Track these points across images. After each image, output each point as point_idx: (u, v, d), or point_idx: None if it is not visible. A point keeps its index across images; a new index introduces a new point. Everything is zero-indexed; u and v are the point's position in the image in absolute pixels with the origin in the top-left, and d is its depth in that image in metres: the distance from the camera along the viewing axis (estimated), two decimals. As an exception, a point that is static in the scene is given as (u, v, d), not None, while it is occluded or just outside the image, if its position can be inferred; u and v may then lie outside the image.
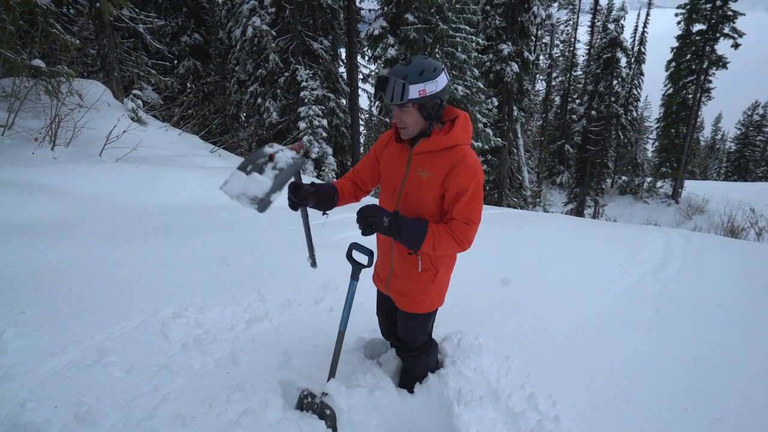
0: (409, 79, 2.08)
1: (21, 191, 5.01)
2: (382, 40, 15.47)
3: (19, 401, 2.28)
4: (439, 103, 2.18)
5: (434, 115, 2.22)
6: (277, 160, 2.17)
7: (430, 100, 2.14)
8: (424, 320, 2.65)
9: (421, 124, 2.24)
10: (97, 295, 3.41)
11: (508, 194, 21.95)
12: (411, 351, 2.75)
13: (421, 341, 2.75)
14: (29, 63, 7.06)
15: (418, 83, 2.08)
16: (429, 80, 2.09)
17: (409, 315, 2.57)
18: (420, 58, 2.14)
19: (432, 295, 2.50)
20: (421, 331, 2.69)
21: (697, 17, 25.80)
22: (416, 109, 2.18)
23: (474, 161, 2.21)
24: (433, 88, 2.11)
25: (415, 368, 2.89)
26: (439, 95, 2.15)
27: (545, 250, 5.43)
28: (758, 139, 50.34)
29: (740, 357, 3.33)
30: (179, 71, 17.85)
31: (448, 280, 2.59)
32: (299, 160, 2.23)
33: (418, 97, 2.10)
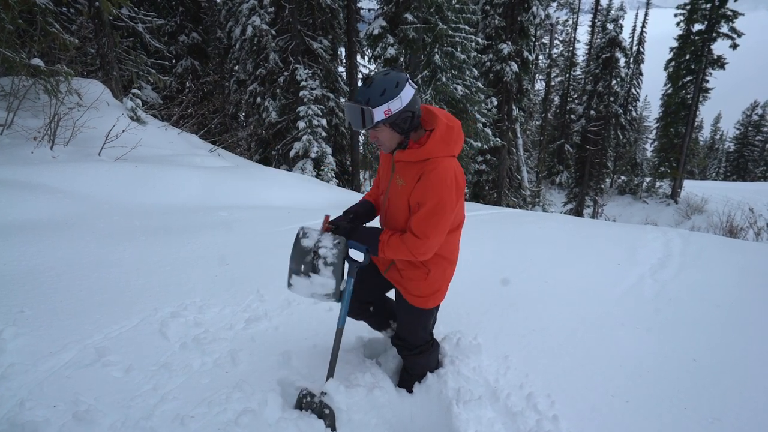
0: (372, 103, 2.09)
1: (20, 190, 5.01)
2: (382, 39, 15.47)
3: (18, 400, 2.27)
4: (409, 116, 2.18)
5: (408, 128, 2.22)
6: (324, 256, 2.31)
7: (399, 116, 2.14)
8: (424, 317, 2.65)
9: (396, 138, 2.25)
10: (96, 295, 3.41)
11: (507, 194, 21.96)
12: (412, 349, 2.75)
13: (422, 339, 2.75)
14: (28, 62, 7.06)
15: (382, 104, 2.08)
16: (392, 98, 2.09)
17: (408, 309, 2.59)
18: (381, 77, 2.13)
19: (426, 291, 2.51)
20: (422, 329, 2.71)
21: (697, 17, 25.82)
22: (388, 127, 2.19)
23: (442, 175, 2.17)
24: (398, 105, 2.11)
25: (416, 366, 2.89)
26: (407, 108, 2.14)
27: (544, 250, 5.43)
28: (757, 139, 50.43)
29: (739, 357, 3.33)
30: (177, 71, 17.83)
31: (445, 281, 2.59)
32: (342, 245, 2.34)
33: (386, 117, 2.11)
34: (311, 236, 2.39)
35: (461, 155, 15.67)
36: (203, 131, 14.00)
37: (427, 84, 14.59)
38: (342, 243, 2.37)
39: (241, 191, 7.37)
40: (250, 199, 7.18)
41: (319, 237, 2.39)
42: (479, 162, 20.90)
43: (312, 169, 14.43)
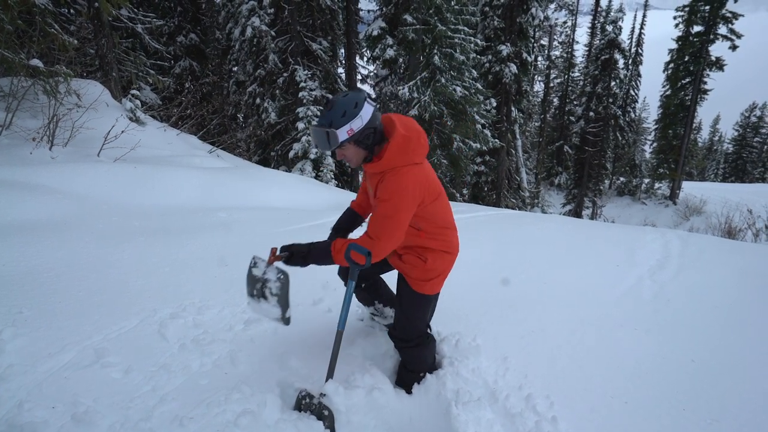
0: (335, 124, 2.25)
1: (19, 191, 5.01)
2: (381, 40, 15.48)
3: (17, 402, 2.27)
4: (371, 132, 2.34)
5: (371, 143, 2.37)
6: (270, 287, 2.53)
7: (362, 133, 2.30)
8: (422, 305, 2.74)
9: (362, 154, 2.41)
10: (95, 296, 3.41)
11: (506, 195, 21.97)
12: (408, 341, 2.79)
13: (419, 331, 2.81)
14: (27, 63, 7.05)
15: (344, 125, 2.25)
16: (353, 118, 2.25)
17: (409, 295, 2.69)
18: (340, 98, 2.29)
19: (422, 278, 2.63)
20: (418, 319, 2.78)
21: (696, 19, 25.87)
22: (352, 144, 2.35)
23: (397, 182, 2.32)
24: (359, 124, 2.27)
25: (412, 361, 2.90)
26: (368, 126, 2.30)
27: (543, 251, 5.44)
28: (755, 141, 50.50)
29: (738, 358, 3.34)
30: (175, 71, 17.83)
31: (442, 271, 2.69)
32: (285, 279, 2.53)
33: (349, 136, 2.28)
34: (260, 267, 2.59)
35: (460, 156, 15.70)
36: (202, 132, 14.00)
37: (426, 85, 14.59)
38: (285, 276, 2.53)
39: (240, 192, 7.37)
40: (249, 200, 7.18)
41: (266, 269, 2.57)
42: (478, 163, 20.91)
43: (311, 170, 14.43)
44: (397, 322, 2.82)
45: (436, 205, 2.53)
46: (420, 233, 2.56)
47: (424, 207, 2.46)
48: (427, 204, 2.46)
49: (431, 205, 2.48)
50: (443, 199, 2.61)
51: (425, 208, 2.46)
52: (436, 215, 2.55)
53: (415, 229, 2.54)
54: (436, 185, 2.53)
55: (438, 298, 2.87)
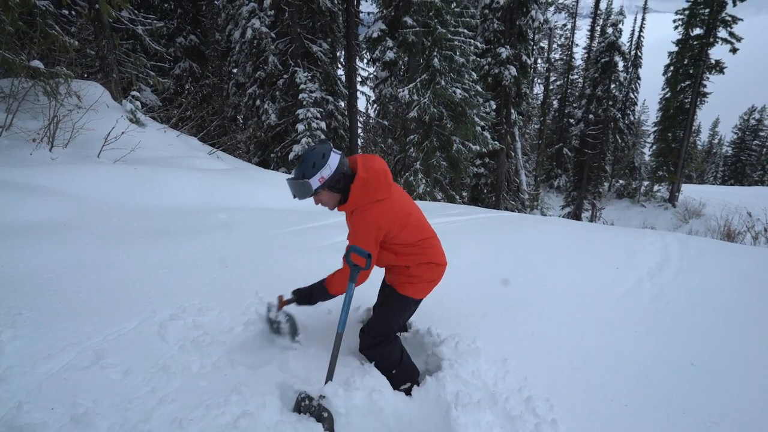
0: (307, 175, 2.57)
1: (19, 192, 5.01)
2: (381, 42, 15.50)
3: (16, 403, 2.27)
4: (341, 176, 2.61)
5: (343, 187, 2.65)
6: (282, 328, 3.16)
7: (332, 179, 2.59)
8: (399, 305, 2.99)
9: (336, 197, 2.71)
10: (95, 297, 3.41)
11: (505, 197, 21.98)
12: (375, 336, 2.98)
13: (386, 329, 3.01)
14: (28, 64, 7.06)
15: (315, 174, 2.56)
16: (322, 167, 2.55)
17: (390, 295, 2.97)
18: (309, 152, 2.60)
19: (405, 281, 2.90)
20: (391, 317, 3.02)
21: (695, 22, 25.90)
22: (326, 190, 2.65)
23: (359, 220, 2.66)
24: (328, 172, 2.56)
25: (380, 361, 3.01)
26: (337, 172, 2.59)
27: (543, 253, 5.44)
28: (755, 144, 50.56)
29: (737, 361, 3.34)
30: (175, 72, 17.83)
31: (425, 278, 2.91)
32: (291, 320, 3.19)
33: (320, 184, 2.59)
34: (272, 312, 3.17)
35: (460, 158, 15.70)
36: (202, 133, 14.00)
37: (426, 87, 14.61)
38: (291, 319, 3.18)
39: (240, 194, 7.37)
40: (249, 202, 7.18)
41: (277, 314, 3.15)
42: (478, 165, 20.92)
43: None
44: (373, 320, 3.08)
45: (408, 231, 2.78)
46: (398, 257, 2.84)
47: (394, 237, 2.74)
48: (396, 234, 2.73)
49: (401, 233, 2.75)
50: (414, 220, 2.83)
51: (395, 237, 2.74)
52: (409, 237, 2.80)
53: (393, 254, 2.83)
54: (403, 214, 2.75)
55: (417, 306, 3.10)
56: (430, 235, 2.94)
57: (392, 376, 2.97)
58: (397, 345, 3.06)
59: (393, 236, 2.73)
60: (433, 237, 2.96)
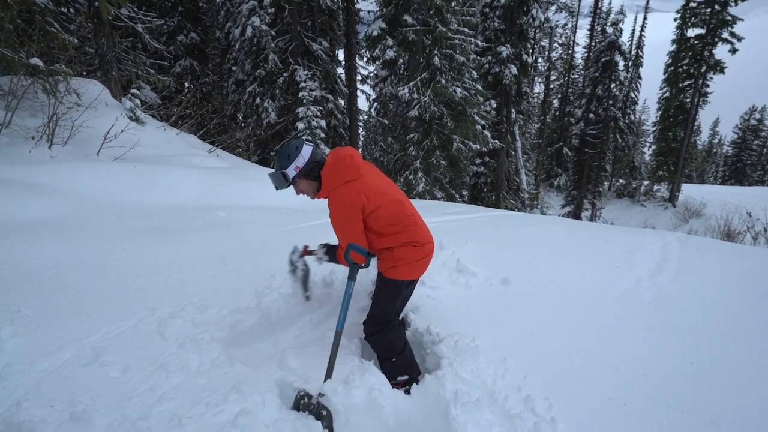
0: (284, 166, 2.86)
1: (18, 190, 5.00)
2: (381, 41, 15.48)
3: (15, 400, 2.27)
4: (315, 165, 2.89)
5: (318, 175, 2.92)
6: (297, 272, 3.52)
7: (306, 168, 2.87)
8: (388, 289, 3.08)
9: (314, 186, 2.98)
10: (94, 295, 3.40)
11: (505, 196, 21.97)
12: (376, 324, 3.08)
13: (386, 315, 3.10)
14: (27, 61, 7.05)
15: (290, 165, 2.85)
16: (296, 157, 2.85)
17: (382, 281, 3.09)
18: (284, 147, 2.90)
19: (390, 265, 3.00)
20: (387, 302, 3.10)
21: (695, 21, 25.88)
22: (302, 179, 2.92)
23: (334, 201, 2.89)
24: (302, 161, 2.86)
25: (381, 348, 3.11)
26: (310, 161, 2.88)
27: (543, 252, 5.43)
28: (755, 144, 50.57)
29: (736, 360, 3.34)
30: (176, 70, 17.82)
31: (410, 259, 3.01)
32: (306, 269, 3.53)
33: (296, 173, 2.87)
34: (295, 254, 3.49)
35: (460, 157, 15.69)
36: (202, 132, 13.98)
37: (426, 86, 14.59)
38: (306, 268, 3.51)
39: (239, 192, 7.36)
40: (248, 200, 7.17)
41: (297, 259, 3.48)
42: (478, 164, 20.91)
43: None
44: (371, 308, 3.16)
45: (384, 209, 2.92)
46: (381, 238, 2.98)
47: (371, 215, 2.90)
48: (372, 210, 2.88)
49: (378, 211, 2.90)
50: (390, 197, 2.97)
51: (373, 215, 2.90)
52: (390, 218, 2.94)
53: (376, 235, 2.97)
54: (377, 192, 2.91)
55: (411, 290, 3.23)
56: (411, 213, 3.05)
57: (393, 364, 3.05)
58: (399, 333, 3.17)
59: (370, 214, 2.89)
60: (415, 215, 3.08)
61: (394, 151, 17.90)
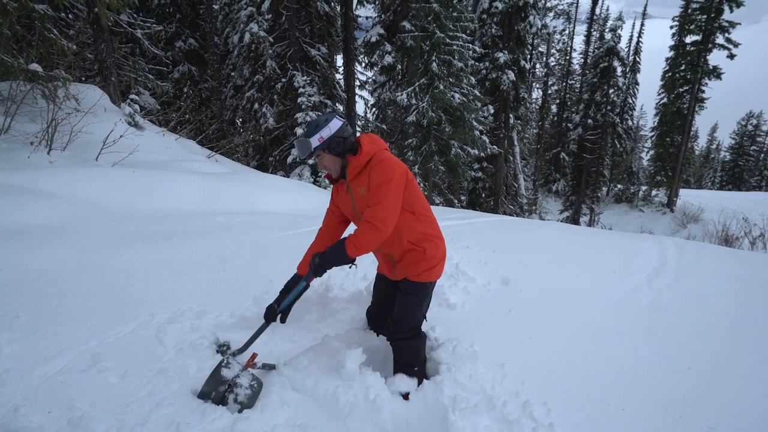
0: (308, 135, 2.75)
1: (16, 195, 5.00)
2: (379, 47, 15.55)
3: (12, 406, 2.26)
4: (341, 140, 2.77)
5: (343, 150, 2.79)
6: (237, 393, 2.55)
7: (332, 140, 2.75)
8: (421, 294, 2.97)
9: (338, 162, 2.83)
10: (92, 300, 3.40)
11: (504, 202, 22.01)
12: (406, 332, 2.97)
13: (416, 320, 3.02)
14: (26, 67, 7.05)
15: (315, 134, 2.73)
16: (322, 128, 2.74)
17: (412, 286, 2.93)
18: (315, 119, 2.81)
19: (426, 266, 2.88)
20: (417, 308, 2.99)
21: (692, 28, 26.03)
22: (326, 152, 2.80)
23: (381, 159, 2.71)
24: (327, 132, 2.73)
25: (406, 354, 3.03)
26: (337, 135, 2.76)
27: (541, 257, 5.44)
28: (752, 149, 50.74)
29: (734, 366, 3.35)
30: (174, 76, 17.86)
31: (440, 258, 2.94)
32: (257, 388, 2.62)
33: (320, 143, 2.74)
34: (233, 368, 2.67)
35: (458, 162, 15.72)
36: (201, 137, 14.00)
37: (424, 91, 14.64)
38: (258, 386, 2.64)
39: (238, 197, 7.36)
40: (247, 205, 7.18)
41: (239, 373, 2.65)
42: (476, 169, 20.95)
43: (309, 176, 14.44)
44: (398, 315, 3.00)
45: (416, 187, 2.88)
46: (415, 215, 2.84)
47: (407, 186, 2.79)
48: (408, 182, 2.80)
49: (411, 185, 2.83)
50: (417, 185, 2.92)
51: (408, 187, 2.80)
52: (418, 197, 2.88)
53: (409, 212, 2.82)
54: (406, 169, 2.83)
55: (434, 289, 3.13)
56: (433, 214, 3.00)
57: (412, 372, 3.01)
58: (425, 342, 3.13)
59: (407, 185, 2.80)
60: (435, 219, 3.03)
61: (393, 157, 17.88)
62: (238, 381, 2.61)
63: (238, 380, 2.61)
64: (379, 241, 2.68)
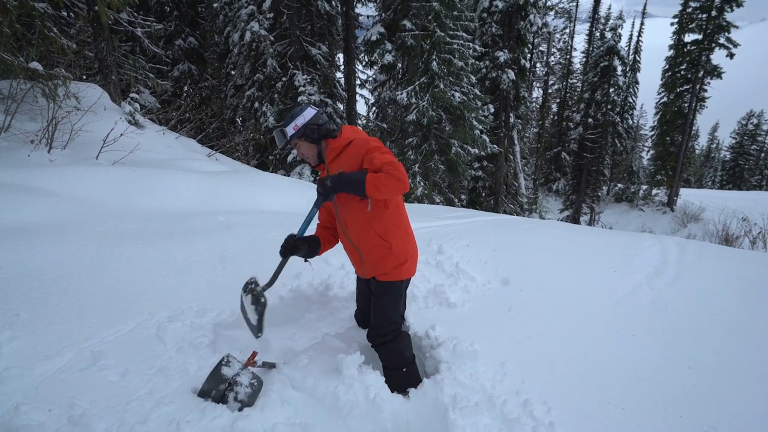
0: (284, 125, 2.85)
1: (17, 193, 5.00)
2: (380, 45, 15.53)
3: (13, 404, 2.27)
4: (315, 127, 2.84)
5: (318, 137, 2.86)
6: (237, 392, 2.56)
7: (306, 128, 2.83)
8: (394, 293, 3.00)
9: (314, 148, 2.91)
10: (93, 299, 3.40)
11: (504, 201, 22.01)
12: (385, 335, 3.00)
13: (393, 322, 3.04)
14: (26, 65, 7.05)
15: (291, 123, 2.83)
16: (297, 116, 2.83)
17: (381, 287, 2.97)
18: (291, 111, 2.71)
19: (393, 264, 2.92)
20: (391, 308, 3.01)
21: (692, 27, 26.00)
22: (302, 140, 2.87)
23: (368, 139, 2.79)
24: (302, 121, 2.82)
25: (391, 358, 3.03)
26: (311, 122, 2.83)
27: (541, 256, 5.44)
28: (752, 149, 50.72)
29: (734, 365, 3.34)
30: (174, 75, 17.85)
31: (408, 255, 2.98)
32: (257, 386, 2.62)
33: (295, 131, 2.83)
34: (233, 367, 2.67)
35: (458, 161, 15.72)
36: (201, 136, 13.99)
37: (424, 90, 14.63)
38: (258, 384, 2.64)
39: (238, 196, 7.36)
40: (247, 204, 7.17)
41: (239, 371, 2.65)
42: (476, 168, 20.94)
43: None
44: (375, 319, 3.06)
45: None
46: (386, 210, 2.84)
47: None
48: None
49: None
50: None
51: None
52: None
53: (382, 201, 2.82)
54: None
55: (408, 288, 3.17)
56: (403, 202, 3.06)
57: (403, 375, 3.01)
58: (409, 342, 3.13)
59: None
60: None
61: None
62: (238, 379, 2.60)
63: (238, 378, 2.61)
64: (397, 191, 2.63)
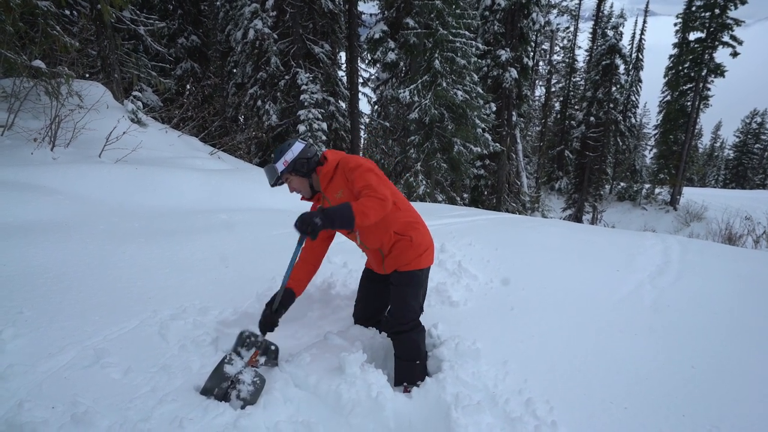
0: (274, 161, 2.88)
1: (20, 191, 5.01)
2: (382, 43, 15.53)
3: (16, 401, 2.28)
4: (305, 161, 2.88)
5: (308, 170, 2.90)
6: (240, 390, 2.55)
7: (296, 162, 2.86)
8: (415, 284, 3.03)
9: (305, 182, 2.95)
10: (96, 296, 3.41)
11: (506, 199, 21.98)
12: (405, 323, 3.01)
13: (413, 312, 3.05)
14: (29, 64, 7.07)
15: (280, 159, 2.86)
16: (285, 152, 2.87)
17: (403, 277, 2.99)
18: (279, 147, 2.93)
19: (414, 254, 2.96)
20: (412, 298, 3.03)
21: (695, 25, 25.91)
22: (293, 174, 2.90)
23: (348, 158, 2.85)
24: (291, 156, 2.86)
25: (407, 348, 3.05)
26: (300, 156, 2.87)
27: (543, 255, 5.43)
28: (756, 147, 50.56)
29: (737, 364, 3.33)
30: (177, 73, 17.86)
31: (427, 244, 3.04)
32: (260, 384, 2.60)
33: (285, 167, 2.86)
34: (235, 365, 2.66)
35: (460, 160, 15.70)
36: (203, 134, 14.02)
37: (427, 89, 14.61)
38: (261, 382, 2.62)
39: (241, 194, 7.37)
40: (250, 202, 7.18)
41: (242, 369, 2.64)
42: (478, 167, 20.91)
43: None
44: (395, 309, 3.08)
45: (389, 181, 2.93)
46: (396, 206, 2.89)
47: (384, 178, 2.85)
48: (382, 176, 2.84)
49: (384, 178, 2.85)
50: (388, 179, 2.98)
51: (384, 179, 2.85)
52: (396, 191, 2.98)
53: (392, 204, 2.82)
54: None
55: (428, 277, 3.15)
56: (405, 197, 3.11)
57: (415, 367, 3.05)
58: (424, 336, 3.16)
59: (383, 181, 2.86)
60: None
61: (395, 154, 17.93)
62: (240, 377, 2.61)
63: (240, 377, 2.61)
64: (383, 211, 2.64)
